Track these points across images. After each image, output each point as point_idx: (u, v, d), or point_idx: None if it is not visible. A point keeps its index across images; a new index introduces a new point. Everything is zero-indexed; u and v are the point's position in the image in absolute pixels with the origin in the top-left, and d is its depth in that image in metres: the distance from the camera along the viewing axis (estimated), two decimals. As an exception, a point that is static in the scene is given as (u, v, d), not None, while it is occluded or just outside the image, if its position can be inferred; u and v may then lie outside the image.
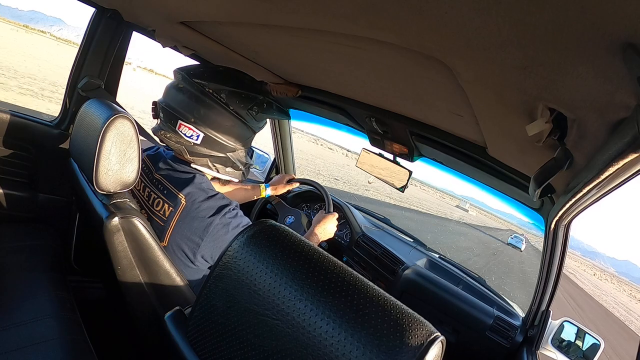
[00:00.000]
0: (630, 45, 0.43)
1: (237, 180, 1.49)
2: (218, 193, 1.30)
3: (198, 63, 1.44)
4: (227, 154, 1.38)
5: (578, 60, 0.51)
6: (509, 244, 44.32)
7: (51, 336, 1.19)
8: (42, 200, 1.89)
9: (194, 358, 0.66)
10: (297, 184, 2.18)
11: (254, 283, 0.59)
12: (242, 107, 1.35)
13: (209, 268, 1.29)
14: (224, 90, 1.31)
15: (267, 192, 2.08)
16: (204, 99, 1.29)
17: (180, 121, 1.29)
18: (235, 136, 1.37)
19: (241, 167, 1.45)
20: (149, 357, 1.38)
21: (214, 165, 1.37)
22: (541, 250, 1.62)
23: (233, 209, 1.29)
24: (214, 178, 1.43)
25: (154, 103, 1.37)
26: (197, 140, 1.30)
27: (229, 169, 1.41)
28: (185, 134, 1.29)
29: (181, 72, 1.32)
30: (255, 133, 1.46)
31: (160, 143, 1.36)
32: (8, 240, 1.64)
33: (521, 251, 42.81)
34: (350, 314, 0.52)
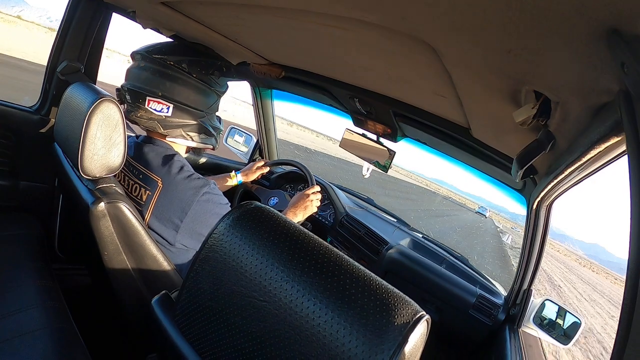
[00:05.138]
0: (615, 30, 0.43)
1: (211, 147, 1.53)
2: (194, 173, 1.31)
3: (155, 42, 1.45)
4: (199, 120, 1.42)
5: (563, 45, 0.51)
6: (476, 212, 73.21)
7: (38, 326, 1.17)
8: (24, 188, 1.85)
9: (181, 342, 0.66)
10: (268, 168, 2.19)
11: (241, 265, 0.59)
12: (204, 74, 1.42)
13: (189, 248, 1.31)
14: (184, 60, 1.36)
15: (237, 178, 2.08)
16: (167, 71, 1.33)
17: (148, 97, 1.31)
18: (202, 102, 1.43)
19: (213, 132, 1.51)
20: (137, 343, 1.38)
21: (188, 135, 1.41)
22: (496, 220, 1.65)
23: (211, 187, 1.30)
24: (188, 151, 1.49)
25: (118, 89, 1.39)
26: (167, 112, 1.34)
27: (202, 136, 1.46)
28: (155, 109, 1.32)
29: (140, 52, 1.36)
30: (219, 97, 1.52)
31: (132, 126, 1.38)
32: None
33: (485, 217, 72.04)
34: (336, 294, 0.53)
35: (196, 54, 1.42)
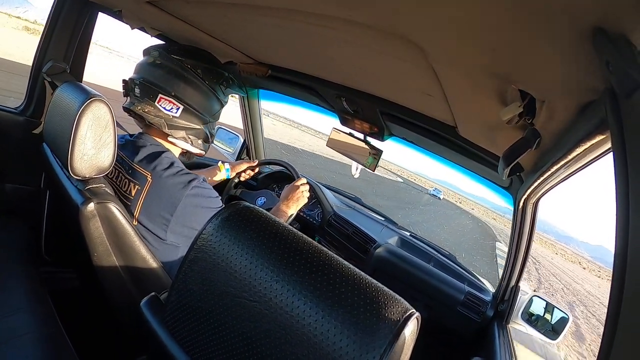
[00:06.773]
0: (600, 29, 0.43)
1: (204, 153, 1.56)
2: (183, 168, 1.33)
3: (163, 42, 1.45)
4: (202, 126, 1.44)
5: (548, 44, 0.51)
6: (430, 195, 70.88)
7: (26, 331, 1.15)
8: (10, 191, 1.82)
9: (171, 343, 0.66)
10: (257, 162, 2.14)
11: (230, 265, 0.59)
12: (215, 82, 1.46)
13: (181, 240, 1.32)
14: (200, 66, 1.41)
15: (225, 167, 2.05)
16: (184, 73, 1.37)
17: (160, 95, 1.33)
18: (209, 109, 1.46)
19: (210, 139, 1.53)
20: (127, 345, 1.36)
21: (190, 138, 1.42)
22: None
23: (200, 182, 1.31)
24: (182, 153, 1.51)
25: (124, 81, 1.40)
26: (176, 113, 1.35)
27: (201, 141, 1.48)
28: (165, 108, 1.34)
29: (158, 49, 1.39)
30: (223, 107, 1.55)
31: (133, 118, 1.40)
32: None
33: (440, 199, 70.24)
34: (326, 293, 0.52)
35: (210, 61, 1.47)
